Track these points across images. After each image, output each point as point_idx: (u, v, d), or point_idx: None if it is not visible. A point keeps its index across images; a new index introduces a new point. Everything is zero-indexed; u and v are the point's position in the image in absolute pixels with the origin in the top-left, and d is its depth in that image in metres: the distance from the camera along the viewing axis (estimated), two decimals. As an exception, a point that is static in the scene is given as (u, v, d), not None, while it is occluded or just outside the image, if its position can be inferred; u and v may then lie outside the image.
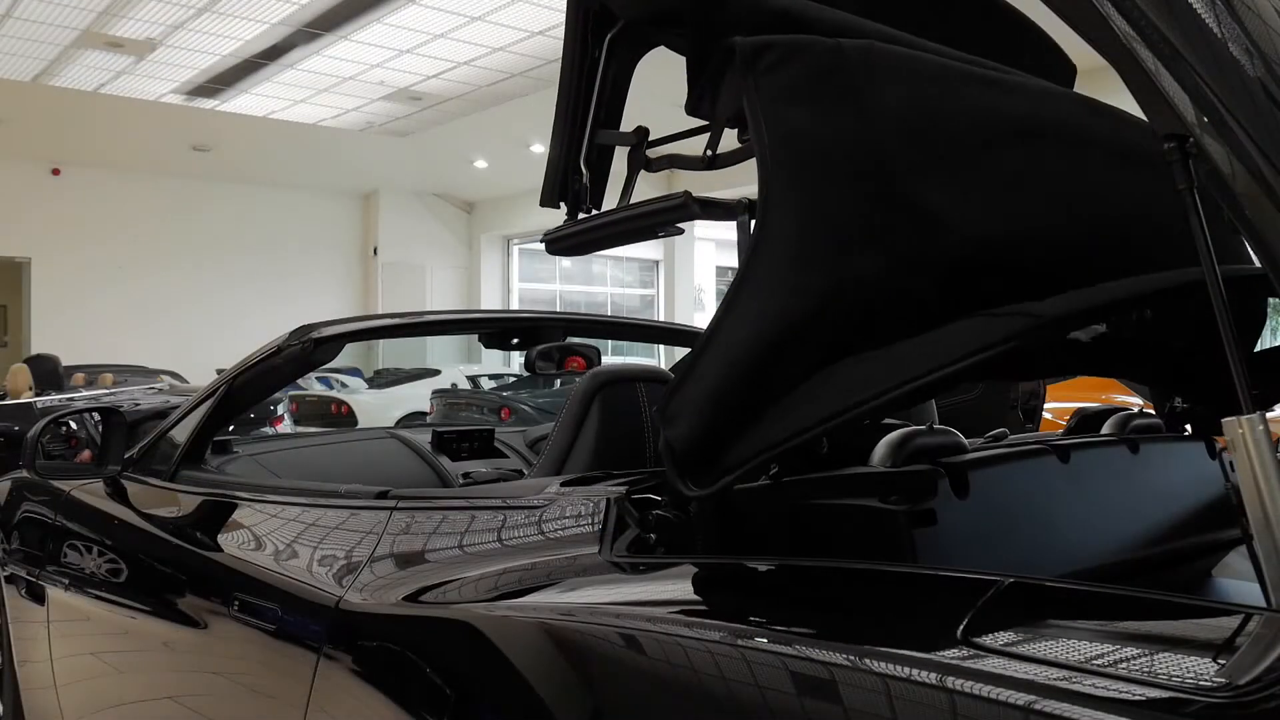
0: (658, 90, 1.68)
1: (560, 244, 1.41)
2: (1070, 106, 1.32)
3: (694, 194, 1.26)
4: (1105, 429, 1.55)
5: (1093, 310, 1.04)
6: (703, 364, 1.11)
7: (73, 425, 5.61)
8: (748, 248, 1.10)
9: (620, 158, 1.39)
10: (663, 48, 1.32)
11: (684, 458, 1.12)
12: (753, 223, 1.12)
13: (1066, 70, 1.64)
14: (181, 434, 2.36)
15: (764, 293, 1.08)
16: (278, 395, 8.37)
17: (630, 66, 1.39)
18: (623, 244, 1.42)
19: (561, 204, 1.40)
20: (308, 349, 2.14)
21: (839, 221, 1.08)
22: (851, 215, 1.08)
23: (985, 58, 1.33)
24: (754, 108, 1.10)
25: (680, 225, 1.31)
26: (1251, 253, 0.91)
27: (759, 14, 1.19)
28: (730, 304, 1.10)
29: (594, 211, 1.38)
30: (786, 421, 1.05)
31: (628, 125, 1.41)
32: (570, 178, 1.37)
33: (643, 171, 1.37)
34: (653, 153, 1.36)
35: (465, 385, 13.86)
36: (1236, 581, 1.31)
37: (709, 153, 1.25)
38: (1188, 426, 1.56)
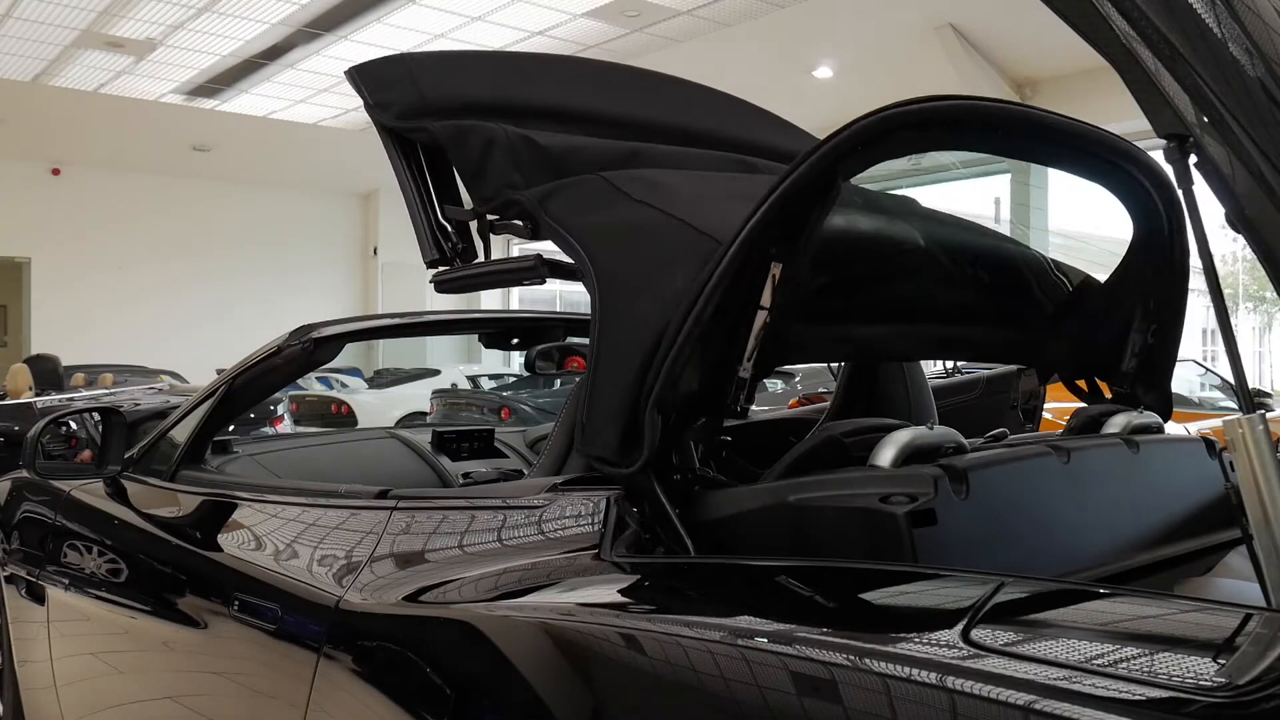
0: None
1: (444, 286, 1.65)
2: None
3: (544, 256, 1.52)
4: (1105, 429, 1.55)
5: (818, 157, 1.19)
6: (596, 394, 1.34)
7: (73, 425, 5.59)
8: (594, 303, 1.37)
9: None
10: None
11: (616, 456, 1.30)
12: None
13: (808, 140, 2.07)
14: (181, 434, 2.36)
15: (619, 330, 1.33)
16: (278, 395, 8.37)
17: (446, 160, 1.66)
18: (494, 288, 1.75)
19: (440, 262, 1.66)
20: (308, 349, 2.15)
21: (654, 258, 1.36)
22: (662, 250, 1.36)
23: (738, 150, 1.85)
24: (551, 226, 1.47)
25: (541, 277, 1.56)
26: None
27: (503, 141, 1.54)
28: (600, 345, 1.35)
29: (470, 261, 1.65)
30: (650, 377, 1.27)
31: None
32: (440, 241, 1.64)
33: None
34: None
35: (465, 385, 13.86)
36: (1236, 581, 1.31)
37: (529, 225, 1.54)
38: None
